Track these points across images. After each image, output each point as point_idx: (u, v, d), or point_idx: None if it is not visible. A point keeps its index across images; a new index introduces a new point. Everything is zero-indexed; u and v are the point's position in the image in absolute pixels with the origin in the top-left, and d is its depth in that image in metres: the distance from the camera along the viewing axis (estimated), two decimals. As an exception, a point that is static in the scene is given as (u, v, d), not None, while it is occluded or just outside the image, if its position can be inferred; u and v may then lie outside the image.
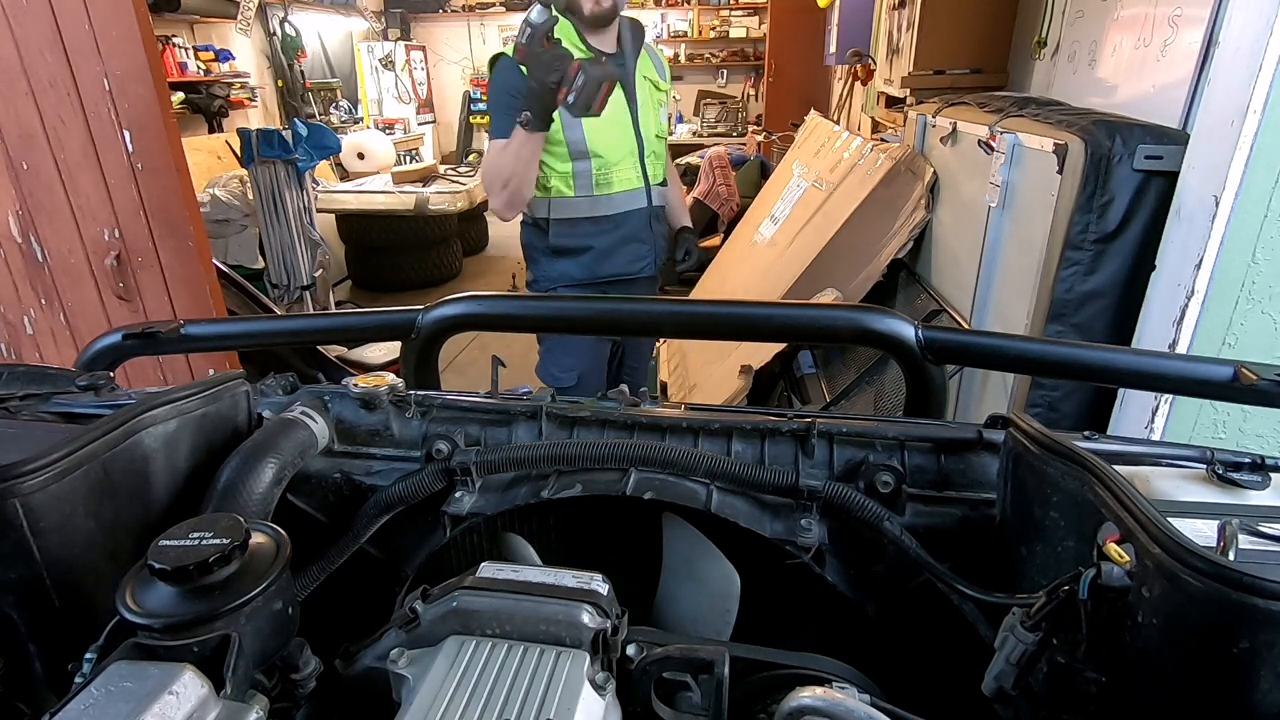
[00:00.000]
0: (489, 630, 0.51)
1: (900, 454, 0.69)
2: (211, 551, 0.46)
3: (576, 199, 2.05)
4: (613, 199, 2.07)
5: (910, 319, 0.90)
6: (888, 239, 2.70)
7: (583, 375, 2.19)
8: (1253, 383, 0.72)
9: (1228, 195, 1.37)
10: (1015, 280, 1.94)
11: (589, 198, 2.05)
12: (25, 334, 2.22)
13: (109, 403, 0.72)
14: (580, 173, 2.02)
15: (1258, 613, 0.38)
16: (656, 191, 2.15)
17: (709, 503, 0.67)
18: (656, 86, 2.11)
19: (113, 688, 0.42)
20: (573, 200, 2.05)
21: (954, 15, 2.89)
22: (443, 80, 10.11)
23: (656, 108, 2.12)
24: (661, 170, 2.18)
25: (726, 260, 4.23)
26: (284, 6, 7.57)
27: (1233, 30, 1.38)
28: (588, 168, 2.01)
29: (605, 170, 2.03)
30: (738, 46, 9.36)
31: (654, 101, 2.11)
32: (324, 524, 0.75)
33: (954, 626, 0.61)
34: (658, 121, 2.12)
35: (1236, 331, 1.46)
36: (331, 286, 4.94)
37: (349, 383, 0.78)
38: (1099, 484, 0.50)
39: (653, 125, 2.10)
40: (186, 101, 6.29)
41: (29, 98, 2.00)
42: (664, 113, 2.16)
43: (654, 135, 2.10)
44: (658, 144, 2.13)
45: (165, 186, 2.12)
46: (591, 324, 1.15)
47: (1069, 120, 1.75)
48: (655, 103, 2.11)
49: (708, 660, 0.51)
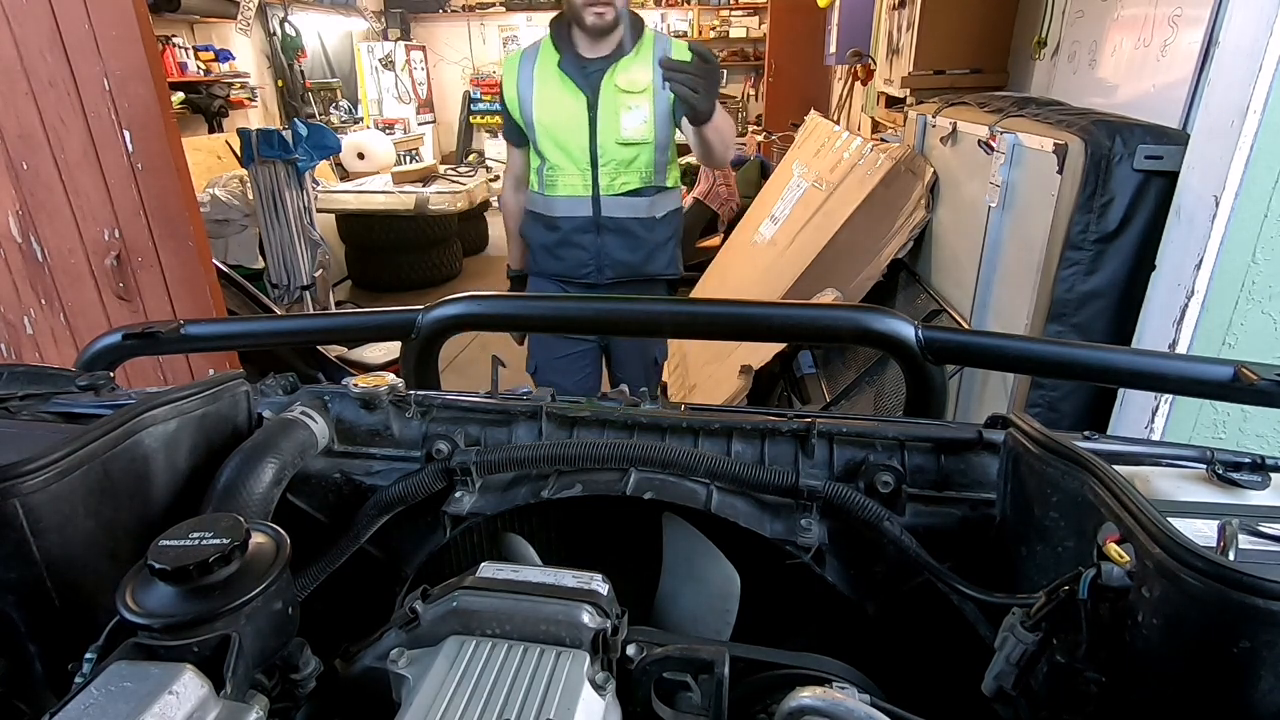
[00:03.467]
0: (489, 630, 0.51)
1: (900, 454, 0.69)
2: (211, 551, 0.46)
3: (535, 194, 2.18)
4: (555, 201, 2.11)
5: (910, 319, 0.90)
6: (888, 239, 2.70)
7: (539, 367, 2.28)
8: (1253, 383, 0.72)
9: (1228, 195, 1.37)
10: (1015, 280, 1.94)
11: (542, 195, 2.15)
12: (25, 334, 2.22)
13: (109, 403, 0.72)
14: (538, 170, 2.14)
15: (1258, 613, 0.38)
16: (612, 202, 2.07)
17: (709, 503, 0.67)
18: (624, 90, 2.00)
19: (113, 688, 0.42)
20: (534, 195, 2.19)
21: (954, 15, 2.89)
22: (443, 80, 10.11)
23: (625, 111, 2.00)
24: (636, 179, 2.07)
25: (726, 260, 4.23)
26: (284, 6, 7.57)
27: (1233, 30, 1.38)
28: (542, 167, 2.12)
29: (552, 173, 2.10)
30: (738, 46, 9.37)
31: (621, 107, 2.00)
32: (324, 524, 0.75)
33: (954, 626, 0.61)
34: (618, 129, 2.00)
35: (1236, 331, 1.46)
36: (331, 286, 4.94)
37: (349, 383, 0.78)
38: (1099, 484, 0.50)
39: (614, 134, 2.01)
40: (186, 101, 6.30)
41: (29, 98, 2.00)
42: (636, 116, 2.01)
43: (615, 143, 2.02)
44: (624, 151, 2.03)
45: (165, 186, 2.13)
46: (591, 324, 1.15)
47: (1069, 120, 1.75)
48: (624, 107, 2.00)
49: (708, 660, 0.51)
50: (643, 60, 2.02)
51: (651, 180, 2.10)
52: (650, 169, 2.08)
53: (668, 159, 2.13)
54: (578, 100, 2.01)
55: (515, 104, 2.08)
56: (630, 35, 2.02)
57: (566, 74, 2.01)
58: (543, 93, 2.04)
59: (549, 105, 2.04)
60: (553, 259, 2.18)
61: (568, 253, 2.15)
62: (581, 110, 2.01)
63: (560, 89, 2.02)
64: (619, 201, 2.09)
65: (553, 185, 2.10)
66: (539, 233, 2.19)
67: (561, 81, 2.02)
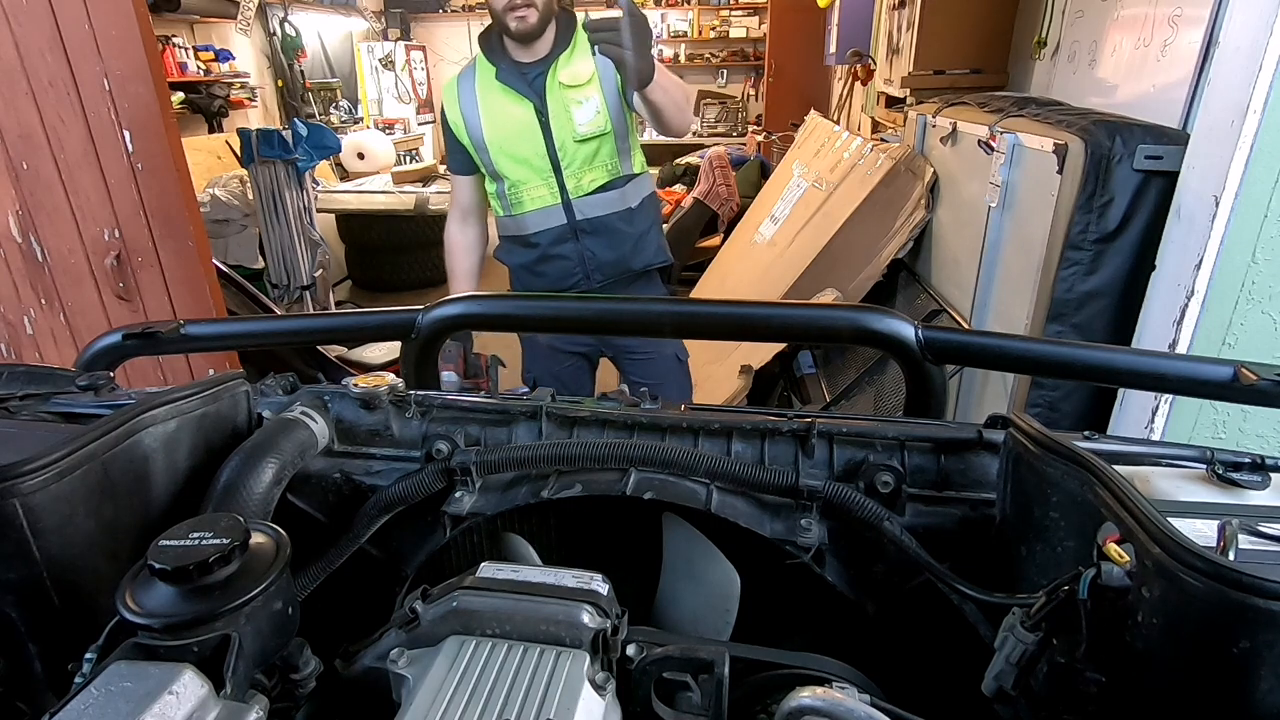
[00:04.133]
0: (489, 630, 0.51)
1: (900, 454, 0.69)
2: (211, 551, 0.46)
3: (503, 218, 2.10)
4: (525, 219, 2.04)
5: (910, 319, 0.90)
6: (888, 239, 2.70)
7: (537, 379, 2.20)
8: (1253, 383, 0.72)
9: (1228, 195, 1.37)
10: (1015, 280, 1.94)
11: (510, 217, 2.08)
12: (25, 334, 2.22)
13: (109, 403, 0.72)
14: (499, 193, 2.06)
15: (1258, 613, 0.38)
16: (584, 203, 2.02)
17: (709, 503, 0.67)
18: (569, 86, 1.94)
19: (113, 688, 0.42)
20: (502, 219, 2.11)
21: (954, 15, 2.89)
22: (442, 80, 10.08)
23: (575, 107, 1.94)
24: (603, 173, 2.01)
25: (726, 260, 4.23)
26: (284, 6, 7.56)
27: (1233, 30, 1.38)
28: (503, 188, 2.04)
29: (515, 190, 2.02)
30: (738, 46, 9.37)
31: (570, 103, 1.94)
32: (324, 524, 0.75)
33: (954, 626, 0.61)
34: (574, 127, 1.94)
35: (1236, 331, 1.46)
36: (331, 286, 4.94)
37: (349, 383, 0.78)
38: (1099, 484, 0.50)
39: (570, 133, 1.95)
40: (186, 101, 6.29)
41: (29, 98, 2.00)
42: (587, 110, 1.94)
43: (573, 141, 1.96)
44: (584, 148, 1.97)
45: (165, 186, 2.13)
46: (590, 324, 1.15)
47: (1069, 120, 1.75)
48: (574, 102, 1.94)
49: (708, 660, 0.51)
50: (581, 53, 1.95)
51: (619, 171, 2.03)
52: (615, 159, 2.02)
53: (629, 145, 2.05)
54: (525, 108, 1.94)
55: (461, 128, 2.00)
56: (564, 32, 1.96)
57: (507, 84, 1.94)
58: (488, 108, 1.97)
59: (496, 119, 1.97)
60: (535, 277, 2.10)
61: (550, 267, 2.07)
62: (530, 117, 1.94)
63: (505, 100, 1.95)
64: (591, 201, 2.02)
65: (519, 203, 2.02)
66: (516, 254, 2.11)
67: (504, 92, 1.95)
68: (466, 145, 2.02)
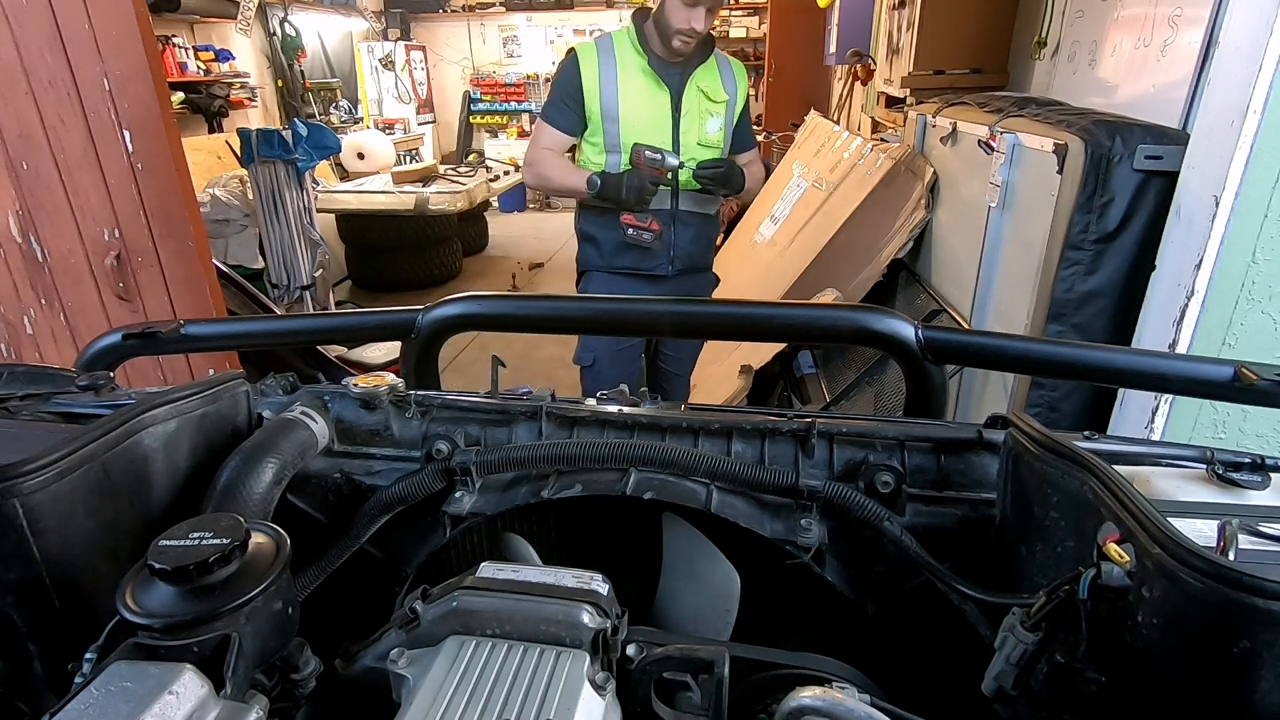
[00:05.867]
0: (489, 630, 0.51)
1: (900, 454, 0.69)
2: (211, 551, 0.46)
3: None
4: None
5: (910, 319, 0.90)
6: (888, 239, 2.70)
7: (598, 359, 2.27)
8: (1253, 383, 0.72)
9: (1228, 195, 1.37)
10: (1015, 280, 1.94)
11: None
12: (25, 334, 2.22)
13: (109, 403, 0.72)
14: (612, 165, 2.13)
15: (1258, 613, 0.38)
16: (687, 197, 2.18)
17: (709, 503, 0.67)
18: (708, 97, 2.14)
19: (113, 688, 0.42)
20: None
21: (954, 15, 2.89)
22: (443, 80, 10.10)
23: (707, 117, 2.15)
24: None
25: (727, 260, 4.22)
26: (284, 6, 7.57)
27: (1233, 30, 1.38)
28: (619, 162, 2.12)
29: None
30: (738, 46, 9.35)
31: (703, 111, 2.14)
32: (324, 524, 0.75)
33: (954, 626, 0.61)
34: (702, 130, 2.15)
35: (1236, 331, 1.46)
36: (331, 286, 4.94)
37: (349, 383, 0.78)
38: (1099, 484, 0.50)
39: (695, 134, 2.14)
40: (186, 101, 6.29)
41: (29, 98, 2.00)
42: (715, 123, 2.17)
43: (695, 143, 2.14)
44: (700, 151, 2.15)
45: (165, 186, 2.12)
46: (590, 324, 1.15)
47: (1069, 120, 1.75)
48: (706, 113, 2.15)
49: (708, 660, 0.51)
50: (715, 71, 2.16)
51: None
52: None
53: None
54: (663, 97, 2.09)
55: (595, 94, 2.08)
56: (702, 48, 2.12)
57: (654, 71, 2.08)
58: (628, 87, 2.08)
59: (634, 100, 2.08)
60: (620, 254, 2.21)
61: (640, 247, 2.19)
62: (666, 107, 2.09)
63: (647, 84, 2.09)
64: (691, 197, 2.20)
65: None
66: (610, 229, 2.18)
67: (647, 76, 2.08)
68: (593, 111, 2.10)
